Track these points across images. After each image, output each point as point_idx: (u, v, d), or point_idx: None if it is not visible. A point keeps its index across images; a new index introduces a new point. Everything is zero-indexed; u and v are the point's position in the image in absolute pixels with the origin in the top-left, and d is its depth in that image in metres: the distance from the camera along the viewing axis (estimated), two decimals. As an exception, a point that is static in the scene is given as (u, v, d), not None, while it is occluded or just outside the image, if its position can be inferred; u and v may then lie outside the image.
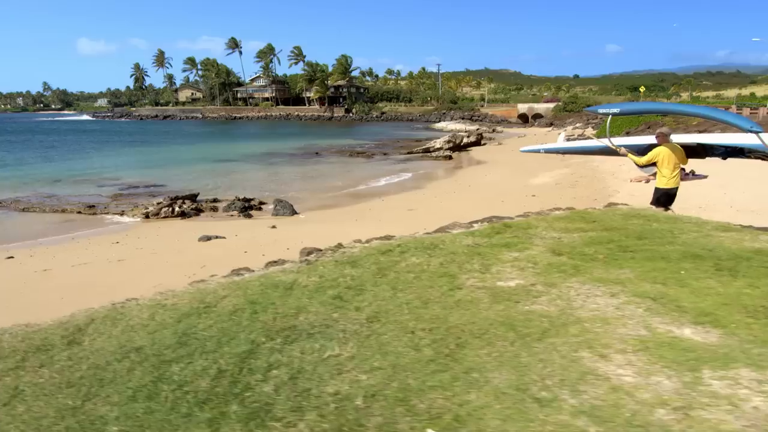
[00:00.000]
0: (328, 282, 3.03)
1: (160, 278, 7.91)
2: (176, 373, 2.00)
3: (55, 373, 2.03)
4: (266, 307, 2.63)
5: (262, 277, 3.18)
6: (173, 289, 3.20)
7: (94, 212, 14.87)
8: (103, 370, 2.04)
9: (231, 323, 2.44)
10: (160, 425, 1.67)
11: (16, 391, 1.90)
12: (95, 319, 2.55)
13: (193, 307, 2.66)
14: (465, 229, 4.70)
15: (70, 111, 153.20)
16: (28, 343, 2.30)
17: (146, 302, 2.84)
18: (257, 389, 1.89)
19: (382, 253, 3.65)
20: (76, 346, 2.26)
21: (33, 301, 6.94)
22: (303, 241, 10.35)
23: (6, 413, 1.78)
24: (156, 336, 2.32)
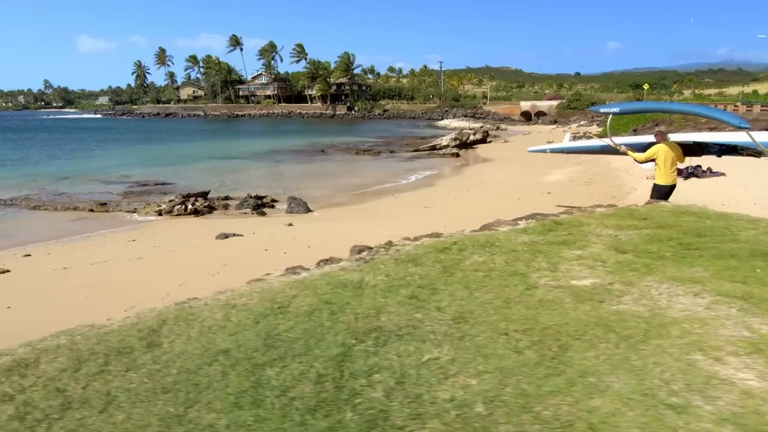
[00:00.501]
0: (396, 281, 2.92)
1: (183, 276, 7.82)
2: (273, 377, 1.89)
3: (145, 377, 1.92)
4: (343, 308, 2.53)
5: (325, 276, 3.07)
6: (232, 288, 3.10)
7: (106, 210, 14.77)
8: (195, 374, 1.93)
9: (312, 324, 2.34)
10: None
11: (110, 397, 1.80)
12: (166, 320, 2.45)
13: (266, 307, 2.55)
14: (511, 226, 4.59)
15: (71, 109, 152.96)
16: (105, 345, 2.19)
17: (212, 302, 2.73)
18: (365, 395, 1.78)
19: (439, 251, 3.54)
20: (157, 349, 2.15)
21: (59, 300, 6.83)
22: (322, 239, 10.26)
23: (104, 421, 1.67)
24: (239, 338, 2.21)
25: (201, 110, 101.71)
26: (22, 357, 2.12)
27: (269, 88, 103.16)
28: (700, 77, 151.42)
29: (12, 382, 1.92)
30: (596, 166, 18.84)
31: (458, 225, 10.41)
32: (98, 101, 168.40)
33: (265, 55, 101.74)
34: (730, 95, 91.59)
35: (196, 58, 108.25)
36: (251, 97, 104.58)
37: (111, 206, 15.12)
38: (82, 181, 21.11)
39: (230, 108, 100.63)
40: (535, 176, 18.23)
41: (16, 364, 2.05)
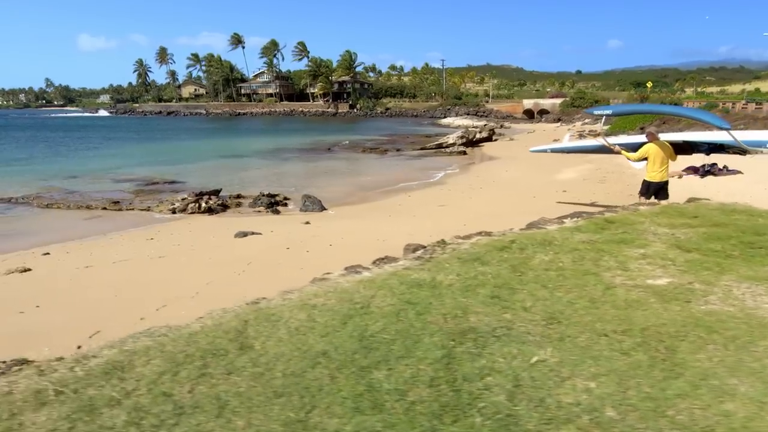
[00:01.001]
0: (470, 280, 2.86)
1: (209, 275, 7.76)
2: (383, 380, 1.84)
3: (251, 381, 1.86)
4: (427, 308, 2.47)
5: (394, 276, 3.01)
6: (298, 288, 3.04)
7: (119, 208, 14.71)
8: (301, 377, 1.88)
9: (403, 325, 2.28)
10: (411, 440, 1.51)
11: (221, 402, 1.74)
12: (248, 321, 2.39)
13: (348, 307, 2.50)
14: (558, 224, 4.53)
15: (72, 107, 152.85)
16: (196, 347, 2.13)
17: (287, 302, 2.68)
18: (487, 399, 1.73)
19: (499, 249, 3.49)
20: (251, 351, 2.10)
21: (88, 298, 6.78)
22: (342, 237, 10.20)
23: (224, 427, 1.62)
24: (333, 340, 2.15)
25: (203, 108, 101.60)
26: (114, 359, 2.07)
27: (271, 87, 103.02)
28: (701, 75, 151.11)
29: (113, 386, 1.86)
30: (608, 164, 18.76)
31: (478, 223, 10.38)
32: (99, 99, 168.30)
33: (267, 53, 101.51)
34: (732, 93, 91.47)
35: (198, 56, 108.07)
36: (253, 95, 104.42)
37: (124, 204, 15.05)
38: (91, 180, 21.04)
39: (232, 106, 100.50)
40: (546, 174, 18.16)
41: (111, 367, 2.00)
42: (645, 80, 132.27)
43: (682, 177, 14.53)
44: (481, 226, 9.94)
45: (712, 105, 32.45)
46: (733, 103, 32.00)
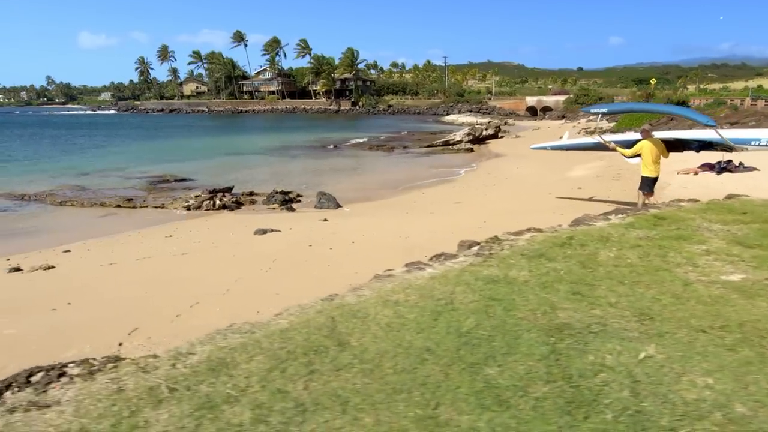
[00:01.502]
0: (543, 276, 2.85)
1: (236, 272, 7.73)
2: (497, 376, 1.83)
3: (364, 378, 1.85)
4: (512, 304, 2.46)
5: (464, 272, 3.00)
6: (363, 284, 3.03)
7: (133, 206, 14.69)
8: (413, 373, 1.87)
9: (495, 321, 2.27)
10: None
11: (341, 399, 1.73)
12: (334, 317, 2.38)
13: (434, 303, 2.48)
14: (604, 220, 4.51)
15: (74, 105, 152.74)
16: (293, 344, 2.12)
17: (364, 299, 2.66)
18: (610, 395, 1.72)
19: (559, 246, 3.47)
20: (349, 347, 2.09)
21: (118, 296, 6.76)
22: (363, 234, 10.17)
23: (354, 424, 1.61)
24: (430, 336, 2.14)
25: (205, 106, 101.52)
26: (215, 356, 2.05)
27: (273, 84, 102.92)
28: (703, 72, 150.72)
29: (224, 383, 1.85)
30: (620, 161, 18.64)
31: (498, 221, 10.36)
32: (100, 97, 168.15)
33: (269, 51, 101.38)
34: (734, 90, 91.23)
35: (200, 54, 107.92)
36: (255, 92, 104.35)
37: (138, 202, 15.04)
38: (100, 177, 21.01)
39: (234, 104, 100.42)
40: (558, 172, 18.12)
41: (215, 363, 1.99)
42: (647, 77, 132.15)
43: (698, 174, 14.56)
44: (501, 223, 9.94)
45: (720, 102, 32.38)
46: (741, 100, 31.91)
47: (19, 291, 7.30)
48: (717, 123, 26.48)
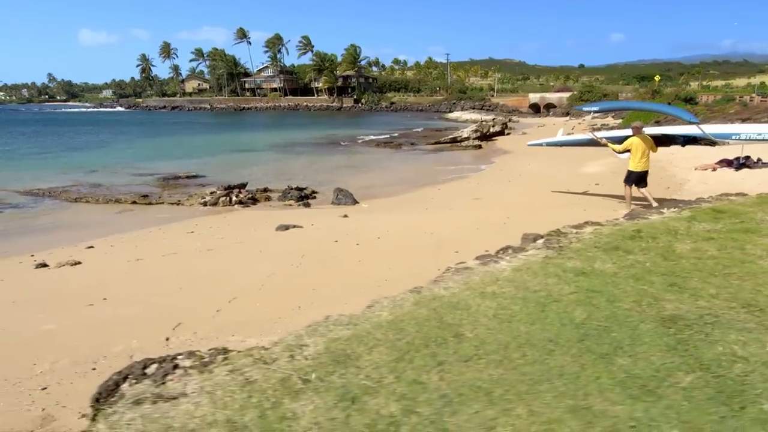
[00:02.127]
0: (629, 268, 2.83)
1: (267, 268, 7.67)
2: (633, 367, 1.80)
3: (497, 368, 1.83)
4: (613, 295, 2.43)
5: (547, 264, 2.97)
6: (442, 277, 2.99)
7: (149, 202, 14.65)
8: (544, 364, 1.84)
9: (605, 312, 2.24)
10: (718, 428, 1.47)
11: (483, 390, 1.70)
12: (436, 309, 2.35)
13: (534, 295, 2.45)
14: (658, 215, 4.48)
15: (75, 102, 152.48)
16: (409, 335, 2.09)
17: (448, 291, 2.63)
18: (758, 385, 1.69)
19: (629, 238, 3.45)
20: (467, 339, 2.06)
21: (153, 291, 6.72)
22: (388, 230, 10.12)
23: (506, 414, 1.58)
24: (545, 327, 2.11)
25: (207, 103, 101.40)
26: (336, 348, 2.02)
27: (275, 81, 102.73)
28: (705, 69, 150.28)
29: (355, 374, 1.82)
30: (634, 157, 18.67)
31: (523, 216, 10.32)
32: (102, 94, 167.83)
33: (271, 48, 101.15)
34: (737, 87, 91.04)
35: (202, 51, 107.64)
36: (257, 89, 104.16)
37: (153, 198, 15.00)
38: (111, 174, 20.95)
39: (236, 101, 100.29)
40: (571, 168, 18.07)
41: (337, 355, 1.96)
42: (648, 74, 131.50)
43: (716, 170, 14.52)
44: (525, 219, 9.90)
45: (729, 98, 32.32)
46: (751, 97, 31.85)
47: (51, 287, 7.27)
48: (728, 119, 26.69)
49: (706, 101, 34.17)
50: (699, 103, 32.27)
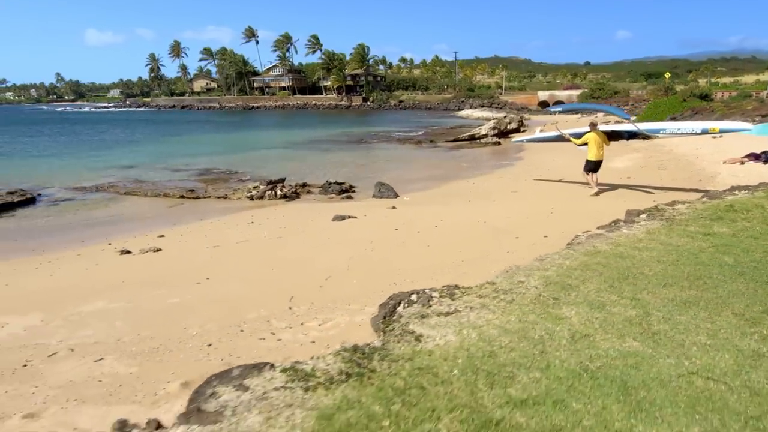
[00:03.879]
0: (744, 232, 3.43)
1: (345, 252, 8.27)
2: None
3: (700, 291, 2.43)
4: (744, 247, 3.03)
5: (671, 230, 3.56)
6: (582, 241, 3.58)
7: (196, 196, 15.30)
8: (724, 288, 2.44)
9: (747, 257, 2.84)
10: None
11: (714, 300, 2.31)
12: (606, 255, 2.95)
13: (675, 248, 3.05)
14: (731, 195, 5.07)
15: (84, 101, 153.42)
16: (607, 269, 2.70)
17: (599, 248, 3.23)
18: None
19: (725, 211, 4.04)
20: (652, 273, 2.66)
21: (250, 271, 7.37)
22: (442, 219, 10.71)
23: (725, 312, 2.18)
24: (707, 267, 2.72)
25: (216, 102, 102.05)
26: (550, 281, 2.64)
27: (284, 80, 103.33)
28: (712, 66, 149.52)
29: (582, 295, 2.43)
30: (658, 152, 19.22)
31: (566, 206, 10.92)
32: (109, 94, 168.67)
33: (280, 47, 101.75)
34: (745, 83, 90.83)
35: (211, 51, 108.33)
36: (266, 88, 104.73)
37: (200, 192, 15.66)
38: (146, 170, 21.63)
39: (245, 100, 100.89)
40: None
41: (559, 286, 2.57)
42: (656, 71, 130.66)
43: (744, 163, 15.07)
44: (569, 209, 10.51)
45: (746, 95, 32.74)
46: (766, 94, 32.23)
47: (148, 269, 7.92)
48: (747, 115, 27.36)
49: (721, 98, 34.57)
50: (714, 99, 32.69)
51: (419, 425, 1.45)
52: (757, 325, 2.04)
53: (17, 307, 6.16)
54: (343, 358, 1.90)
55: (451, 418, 1.42)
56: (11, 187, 16.12)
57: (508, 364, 1.81)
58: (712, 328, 2.03)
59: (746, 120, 23.67)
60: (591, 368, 1.72)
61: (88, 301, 6.21)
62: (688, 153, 17.66)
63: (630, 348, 1.91)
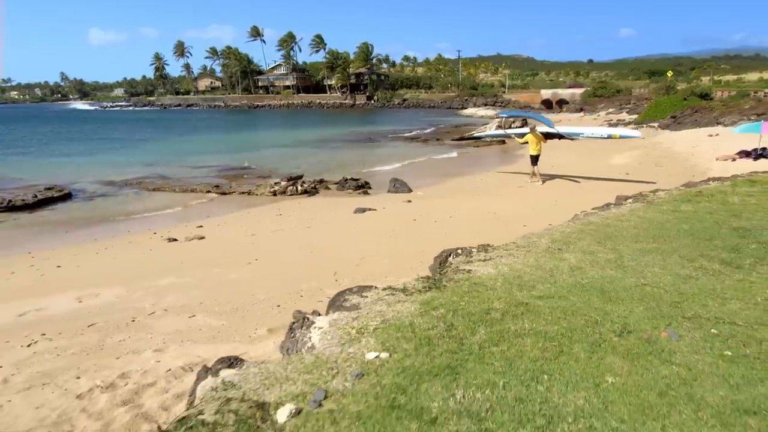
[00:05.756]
0: (703, 209, 4.47)
1: (371, 239, 9.30)
2: (721, 243, 3.45)
3: (694, 239, 3.48)
4: (700, 218, 4.07)
5: (645, 208, 4.61)
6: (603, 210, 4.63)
7: (222, 191, 16.35)
8: (699, 237, 3.50)
9: (700, 225, 3.89)
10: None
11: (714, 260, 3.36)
12: (597, 227, 4.00)
13: (656, 218, 4.11)
14: (705, 185, 6.11)
15: (88, 101, 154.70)
16: (598, 231, 3.76)
17: (594, 220, 4.27)
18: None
19: (694, 195, 5.08)
20: (640, 233, 3.72)
21: (292, 255, 8.43)
22: (455, 211, 11.76)
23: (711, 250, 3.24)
24: (693, 225, 3.77)
25: (221, 101, 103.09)
26: (555, 239, 3.70)
27: (288, 79, 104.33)
28: (716, 63, 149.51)
29: (579, 248, 3.49)
30: (655, 150, 20.24)
31: (569, 200, 11.92)
32: (113, 93, 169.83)
33: (284, 46, 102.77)
34: (749, 81, 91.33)
35: (216, 49, 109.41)
36: (270, 87, 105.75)
37: (225, 188, 16.72)
38: (166, 167, 22.67)
39: (250, 99, 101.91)
40: (598, 160, 19.60)
41: (561, 242, 3.63)
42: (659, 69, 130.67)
43: (736, 160, 16.03)
44: (572, 202, 11.55)
45: (744, 94, 33.66)
46: (765, 93, 33.15)
47: (199, 253, 8.98)
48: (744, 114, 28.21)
49: (721, 97, 35.49)
50: (714, 98, 33.59)
51: (481, 304, 2.50)
52: (693, 263, 3.08)
53: (99, 282, 7.24)
54: (422, 281, 2.93)
55: (498, 302, 2.45)
56: (45, 184, 17.24)
57: (530, 281, 2.87)
58: (663, 263, 3.06)
59: (743, 119, 24.68)
60: (582, 282, 2.76)
61: (159, 277, 7.29)
62: (684, 151, 18.67)
63: (607, 274, 2.95)
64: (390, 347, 2.05)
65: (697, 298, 2.58)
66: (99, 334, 4.97)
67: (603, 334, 2.18)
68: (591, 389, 1.73)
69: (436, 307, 2.46)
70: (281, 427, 1.55)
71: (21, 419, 3.35)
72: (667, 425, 1.55)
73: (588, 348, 2.05)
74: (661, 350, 2.06)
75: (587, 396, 1.68)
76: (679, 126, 27.33)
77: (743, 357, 2.00)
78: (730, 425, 1.55)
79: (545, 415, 1.58)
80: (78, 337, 4.94)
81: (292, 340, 2.49)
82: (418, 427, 1.50)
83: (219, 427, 1.55)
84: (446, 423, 1.52)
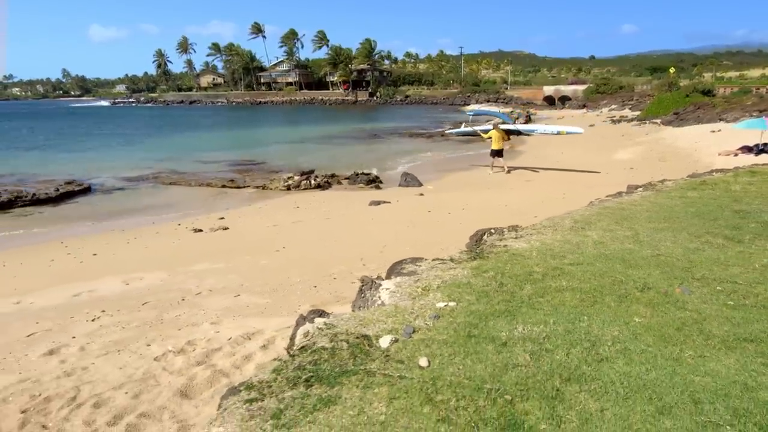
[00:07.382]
0: (707, 196, 4.93)
1: (389, 229, 9.75)
2: (727, 222, 3.92)
3: (702, 219, 3.95)
4: (705, 203, 4.54)
5: (656, 195, 5.08)
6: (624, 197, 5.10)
7: (237, 186, 16.83)
8: (709, 219, 3.97)
9: (705, 208, 4.36)
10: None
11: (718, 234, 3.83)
12: (614, 210, 4.47)
13: (666, 202, 4.58)
14: (709, 176, 6.57)
15: (89, 97, 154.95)
16: (613, 213, 4.23)
17: (610, 205, 4.74)
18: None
19: (699, 185, 5.54)
20: (655, 215, 4.19)
21: (317, 243, 8.89)
22: (468, 203, 12.22)
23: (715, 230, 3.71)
24: (694, 209, 4.24)
25: (224, 98, 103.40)
26: (576, 220, 4.17)
27: (291, 75, 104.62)
28: (718, 59, 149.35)
29: (600, 227, 3.96)
30: (659, 145, 20.66)
31: (578, 193, 12.35)
32: (115, 89, 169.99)
33: (286, 42, 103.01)
34: (751, 78, 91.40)
35: (219, 46, 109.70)
36: (273, 84, 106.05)
37: (239, 182, 17.20)
38: (181, 162, 23.11)
39: (253, 95, 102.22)
40: (603, 155, 20.05)
41: (582, 223, 4.10)
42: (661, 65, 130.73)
43: (738, 155, 16.51)
44: (581, 196, 11.94)
45: (746, 91, 34.02)
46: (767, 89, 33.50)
47: (226, 243, 9.45)
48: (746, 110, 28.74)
49: (723, 93, 35.85)
50: (716, 95, 33.96)
51: (523, 269, 2.98)
52: (700, 238, 3.56)
53: (139, 267, 7.72)
54: (466, 253, 3.40)
55: (537, 267, 2.93)
56: (64, 178, 17.72)
57: (560, 252, 3.34)
58: (674, 239, 3.54)
59: (745, 115, 25.07)
60: (605, 253, 3.22)
61: (195, 263, 7.77)
62: (687, 146, 19.10)
63: (626, 247, 3.43)
64: (455, 298, 2.52)
65: (704, 265, 3.06)
66: (155, 311, 5.45)
67: (628, 290, 2.66)
68: (623, 326, 2.21)
69: (486, 271, 2.92)
70: (386, 350, 2.01)
71: (110, 376, 3.83)
72: (684, 348, 2.02)
73: (617, 299, 2.53)
74: (676, 300, 2.53)
75: (620, 330, 2.16)
76: (682, 122, 27.73)
77: (743, 306, 2.47)
78: (732, 348, 2.03)
79: (590, 340, 2.06)
80: (136, 312, 5.42)
81: (363, 299, 2.96)
82: (493, 347, 1.98)
83: (337, 350, 2.01)
84: (514, 345, 2.00)
